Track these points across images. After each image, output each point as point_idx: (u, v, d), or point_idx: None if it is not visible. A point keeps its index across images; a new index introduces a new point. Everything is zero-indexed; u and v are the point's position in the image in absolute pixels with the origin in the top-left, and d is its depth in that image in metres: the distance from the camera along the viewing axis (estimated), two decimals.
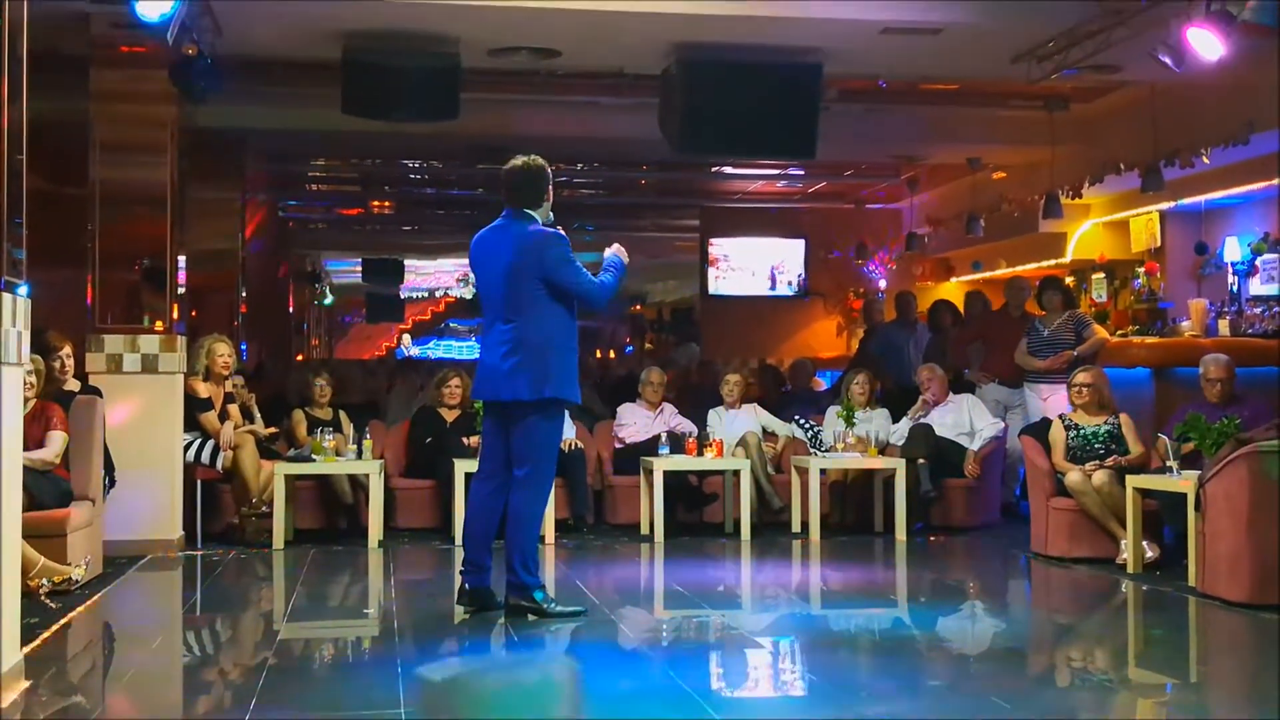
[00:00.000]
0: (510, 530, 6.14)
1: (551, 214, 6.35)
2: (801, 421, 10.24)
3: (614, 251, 6.42)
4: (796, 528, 9.32)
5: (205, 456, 8.83)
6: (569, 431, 9.62)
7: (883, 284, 17.29)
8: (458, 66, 9.27)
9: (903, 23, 8.76)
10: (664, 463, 9.09)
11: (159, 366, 8.49)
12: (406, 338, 24.71)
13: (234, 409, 9.10)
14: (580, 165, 15.22)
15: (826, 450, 9.63)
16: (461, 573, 6.29)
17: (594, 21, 8.66)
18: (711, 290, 17.71)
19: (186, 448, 8.76)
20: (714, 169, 15.54)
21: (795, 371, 12.49)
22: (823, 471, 9.32)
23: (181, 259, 8.85)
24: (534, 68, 10.07)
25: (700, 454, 9.32)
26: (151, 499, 8.37)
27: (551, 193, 6.33)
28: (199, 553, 8.45)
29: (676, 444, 9.39)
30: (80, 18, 8.38)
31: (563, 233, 6.21)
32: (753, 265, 17.67)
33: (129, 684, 5.27)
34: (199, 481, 8.85)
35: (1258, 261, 12.27)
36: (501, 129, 12.01)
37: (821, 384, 13.70)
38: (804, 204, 17.72)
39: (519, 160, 6.29)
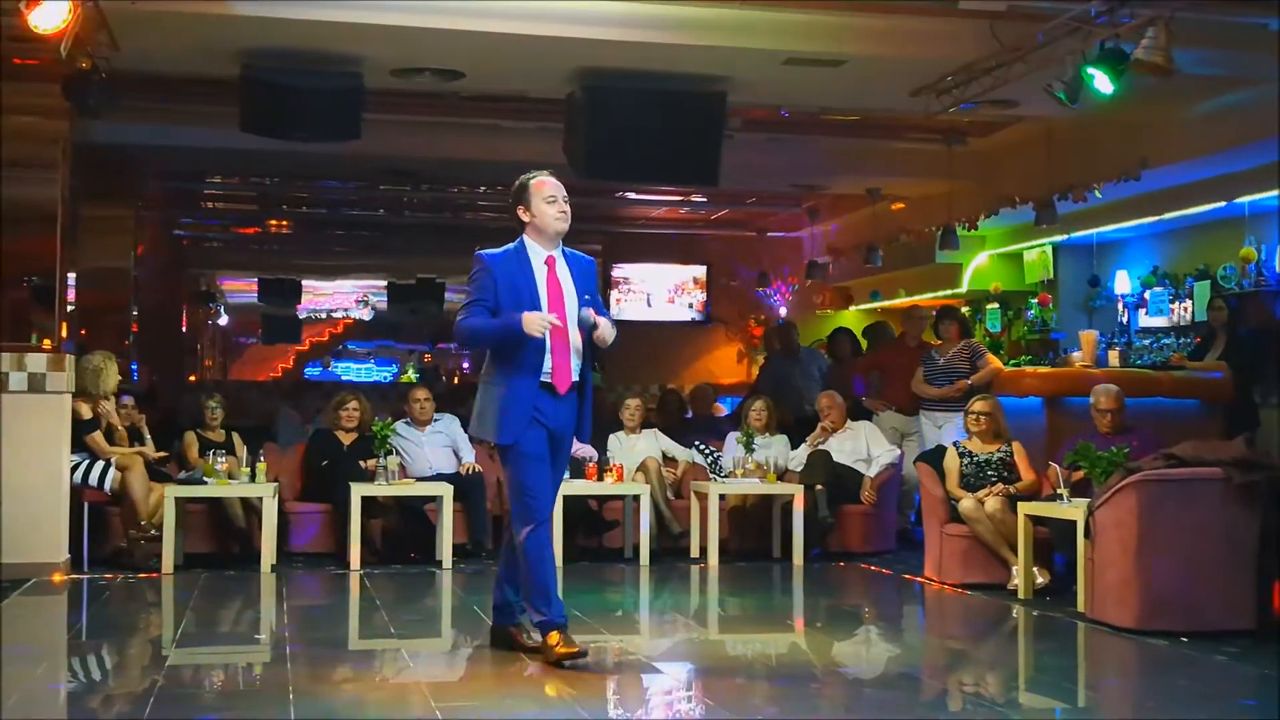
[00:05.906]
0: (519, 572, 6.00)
1: (554, 229, 6.06)
2: (702, 447, 10.27)
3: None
4: (696, 553, 9.34)
5: (93, 478, 8.65)
6: (468, 455, 9.56)
7: (783, 311, 17.43)
8: (360, 87, 9.19)
9: (806, 54, 8.85)
10: (564, 487, 9.04)
11: (46, 386, 8.28)
12: (328, 359, 24.54)
13: (113, 415, 8.90)
14: (483, 188, 15.17)
15: (726, 476, 9.66)
16: None
17: (498, 44, 8.64)
18: (613, 315, 17.74)
19: (74, 469, 8.56)
20: (617, 195, 15.57)
21: (696, 397, 12.52)
22: (722, 497, 9.36)
23: (71, 277, 8.66)
24: (437, 89, 10.02)
25: (600, 479, 9.31)
26: (37, 521, 8.14)
27: (534, 207, 6.10)
28: (86, 576, 8.25)
29: (576, 468, 9.35)
30: None
31: (482, 254, 5.94)
32: (652, 290, 17.78)
33: (12, 710, 5.11)
34: (86, 504, 8.65)
35: (1147, 294, 12.58)
36: (404, 150, 11.95)
37: (722, 410, 13.76)
38: (707, 230, 17.83)
39: None
